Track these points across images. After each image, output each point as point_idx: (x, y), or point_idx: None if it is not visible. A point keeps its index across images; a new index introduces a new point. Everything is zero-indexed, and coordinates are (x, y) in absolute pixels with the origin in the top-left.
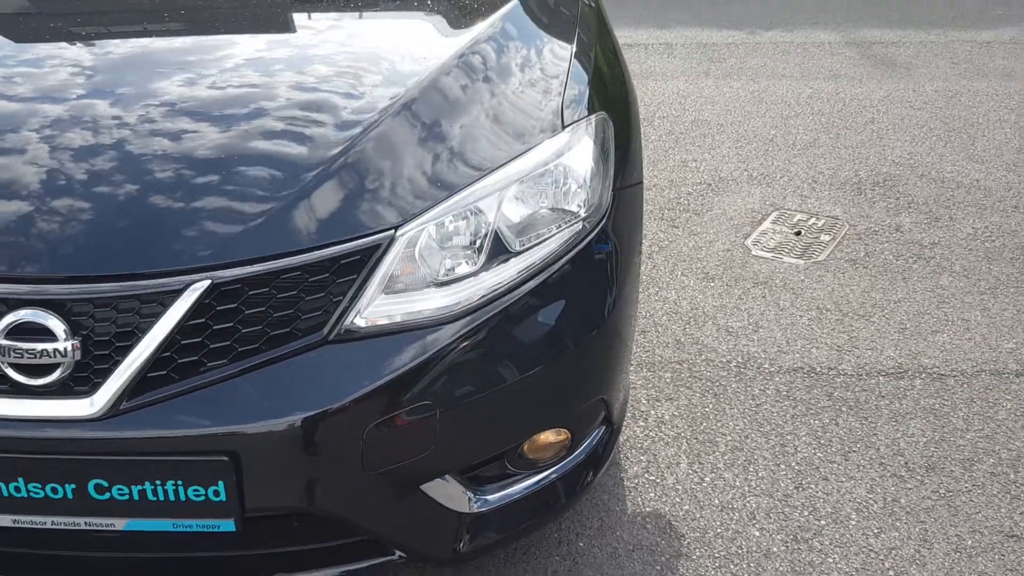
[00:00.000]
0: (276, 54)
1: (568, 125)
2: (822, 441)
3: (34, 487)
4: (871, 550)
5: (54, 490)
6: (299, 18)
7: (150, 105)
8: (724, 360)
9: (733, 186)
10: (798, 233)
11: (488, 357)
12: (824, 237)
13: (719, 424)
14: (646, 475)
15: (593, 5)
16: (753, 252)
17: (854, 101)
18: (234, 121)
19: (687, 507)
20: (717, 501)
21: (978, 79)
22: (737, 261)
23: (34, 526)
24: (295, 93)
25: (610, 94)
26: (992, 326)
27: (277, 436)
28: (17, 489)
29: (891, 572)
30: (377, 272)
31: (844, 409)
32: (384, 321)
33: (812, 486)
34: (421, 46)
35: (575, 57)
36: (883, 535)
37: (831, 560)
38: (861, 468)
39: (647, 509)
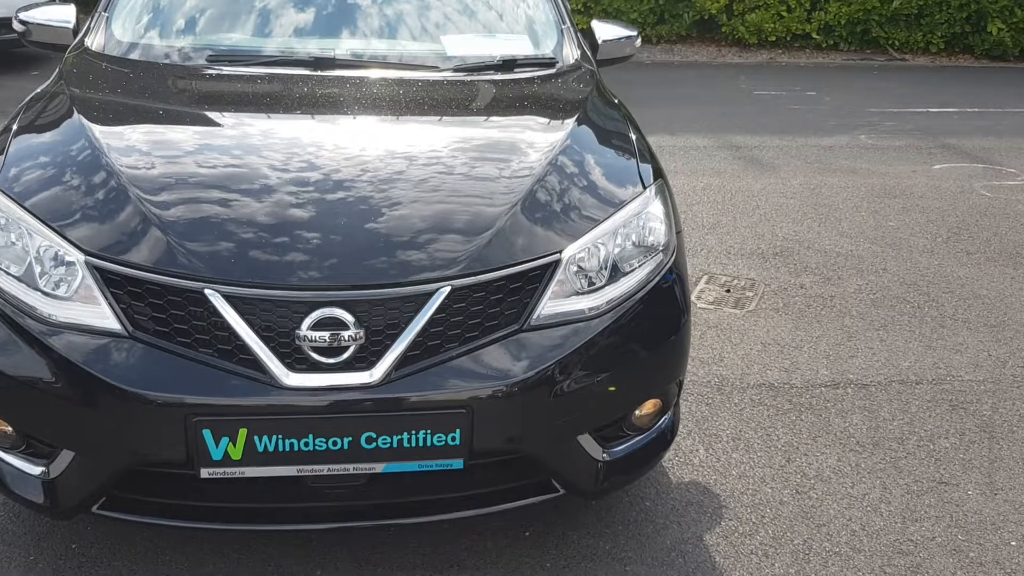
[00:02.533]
0: (440, 133)
1: (647, 187)
2: (794, 431)
3: (320, 441)
4: (852, 496)
5: (334, 443)
6: (440, 111)
7: (375, 167)
8: (705, 381)
9: None
10: (728, 291)
11: (616, 345)
12: (749, 293)
13: (717, 424)
14: (677, 459)
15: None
16: (698, 305)
17: (739, 192)
18: (436, 177)
19: (714, 477)
20: (734, 472)
21: (830, 175)
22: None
23: (313, 473)
24: (467, 158)
25: (656, 166)
26: (890, 351)
27: (496, 395)
28: (306, 444)
29: (868, 508)
30: (552, 282)
31: (803, 410)
32: (555, 316)
33: (797, 459)
34: (539, 133)
35: (636, 141)
36: (857, 487)
37: (825, 503)
38: (828, 446)
39: (687, 480)
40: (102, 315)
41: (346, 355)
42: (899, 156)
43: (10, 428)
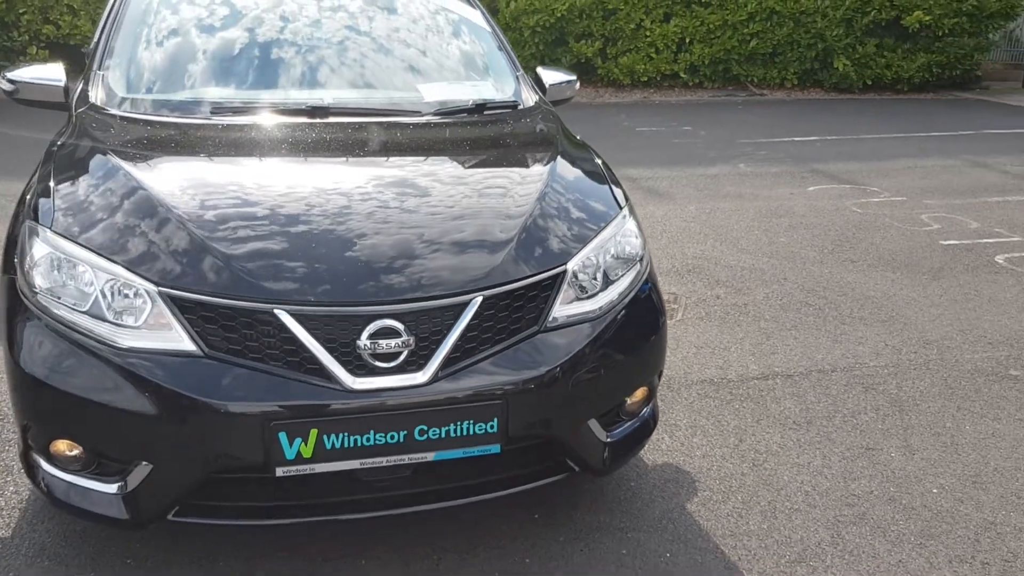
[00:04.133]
0: (443, 168)
1: (622, 207)
2: (739, 416)
3: (379, 436)
4: (799, 464)
5: (391, 437)
6: (436, 150)
7: (397, 197)
8: None
9: None
10: None
11: (613, 341)
12: (674, 306)
13: (674, 416)
14: (648, 447)
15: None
16: None
17: (645, 219)
18: (451, 206)
19: (682, 459)
20: (698, 454)
21: (720, 200)
22: None
23: (373, 465)
24: (473, 189)
25: (623, 190)
26: (804, 347)
27: (526, 387)
28: (368, 439)
29: (814, 473)
30: (562, 290)
31: (743, 399)
32: (564, 319)
33: (747, 439)
34: (527, 166)
35: (605, 169)
36: (801, 457)
37: (779, 472)
38: (769, 427)
39: (660, 462)
40: (177, 339)
41: (399, 360)
42: (776, 181)
43: (80, 449)
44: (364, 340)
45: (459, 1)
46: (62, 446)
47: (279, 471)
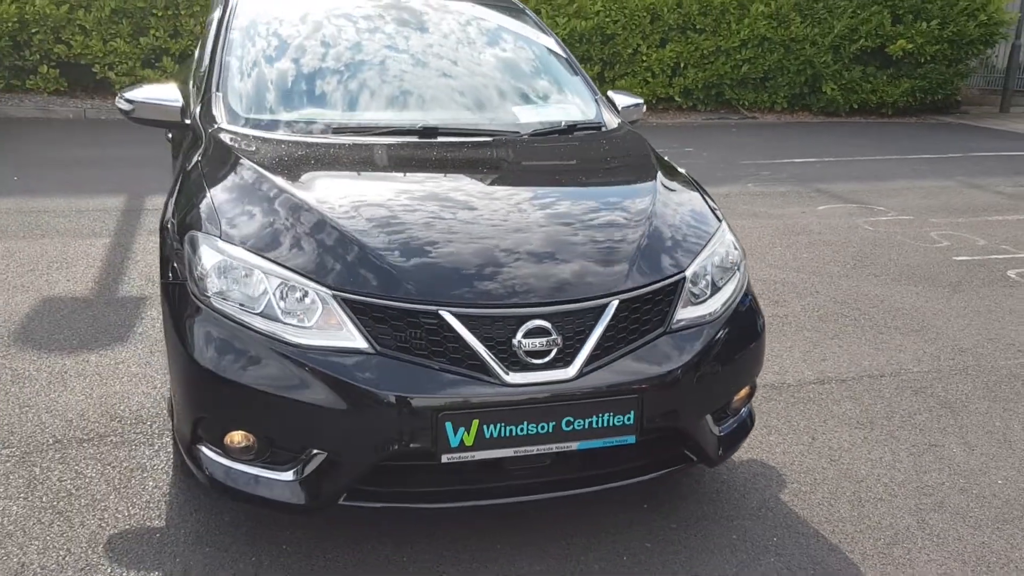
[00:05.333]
0: (560, 183)
1: (720, 220)
2: (806, 417)
3: (531, 427)
4: (872, 460)
5: (542, 427)
6: (547, 167)
7: (530, 209)
8: None
9: None
10: None
11: (725, 343)
12: None
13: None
14: None
15: None
16: None
17: None
18: (579, 217)
19: (765, 455)
20: (778, 451)
21: (739, 218)
22: None
23: (526, 453)
24: (593, 202)
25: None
26: (850, 354)
27: (656, 382)
28: (521, 430)
29: (888, 467)
30: (682, 295)
31: (805, 402)
32: (685, 321)
33: (819, 438)
34: (635, 183)
35: (698, 186)
36: (872, 453)
37: (856, 466)
38: (836, 427)
39: (746, 459)
40: (349, 337)
41: (549, 357)
42: (786, 200)
43: (254, 440)
44: (519, 338)
45: (535, 30)
46: (237, 437)
47: (444, 458)
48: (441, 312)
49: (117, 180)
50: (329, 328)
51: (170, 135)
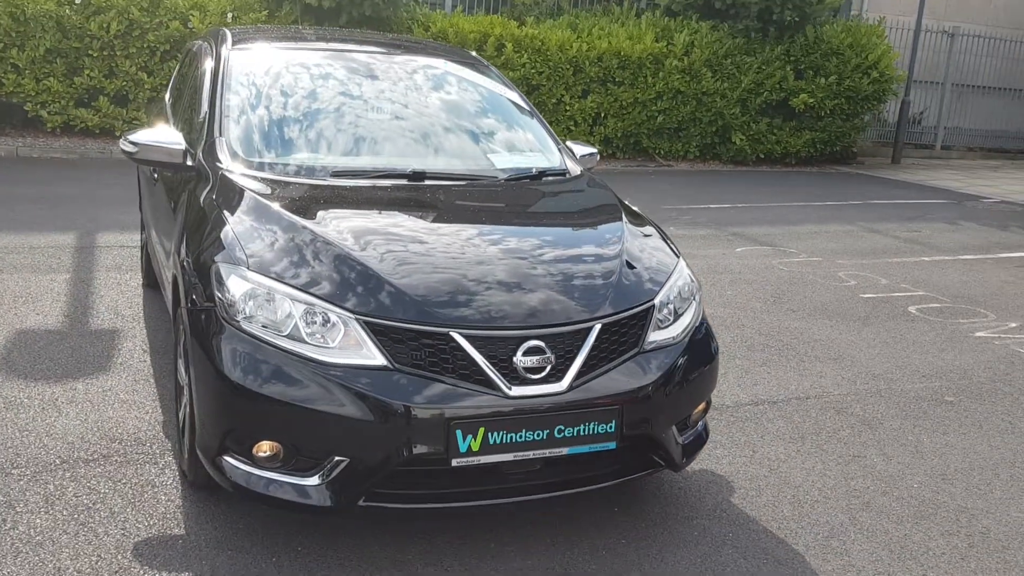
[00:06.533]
0: (541, 221)
1: (678, 256)
2: (745, 434)
3: (529, 434)
4: (806, 468)
5: (538, 434)
6: (525, 208)
7: (517, 244)
8: None
9: None
10: None
11: (687, 362)
12: None
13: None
14: None
15: None
16: None
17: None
18: (563, 251)
19: (713, 465)
20: (724, 461)
21: None
22: None
23: (523, 457)
24: (570, 238)
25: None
26: (778, 380)
27: (633, 395)
28: (520, 436)
29: (821, 474)
30: (652, 320)
31: (743, 420)
32: (655, 343)
33: (759, 451)
34: (604, 223)
35: (656, 225)
36: (806, 463)
37: (792, 473)
38: (772, 442)
39: (696, 468)
40: (369, 356)
41: (544, 373)
42: (706, 242)
43: (280, 448)
44: (519, 357)
45: (500, 84)
46: (265, 446)
47: (454, 462)
48: (451, 333)
49: (64, 217)
50: (349, 348)
51: (155, 173)
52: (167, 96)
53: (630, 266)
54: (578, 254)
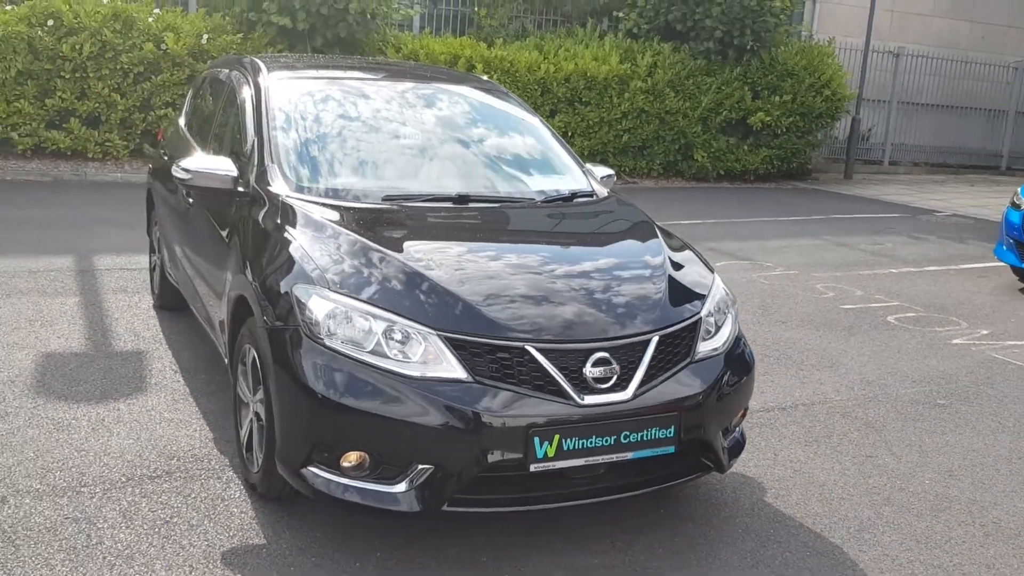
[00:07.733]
0: (587, 241)
1: (713, 271)
2: (765, 439)
3: (598, 440)
4: (826, 468)
5: (606, 440)
6: (569, 228)
7: (573, 263)
8: None
9: None
10: None
11: (731, 371)
12: None
13: None
14: None
15: None
16: None
17: None
18: (613, 270)
19: (741, 469)
20: (750, 465)
21: None
22: None
23: (593, 462)
24: (617, 257)
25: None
26: (782, 388)
27: (688, 402)
28: (591, 442)
29: (839, 474)
30: (701, 331)
31: (760, 427)
32: (704, 353)
33: (780, 454)
34: (644, 242)
35: (688, 245)
36: (825, 464)
37: (815, 473)
38: (790, 445)
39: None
40: (450, 369)
41: (610, 383)
42: None
43: (367, 458)
44: (589, 368)
45: (524, 111)
46: (353, 456)
47: (532, 467)
48: (527, 347)
49: (55, 240)
50: (430, 362)
51: (190, 198)
52: (181, 121)
53: (676, 281)
54: (628, 271)
